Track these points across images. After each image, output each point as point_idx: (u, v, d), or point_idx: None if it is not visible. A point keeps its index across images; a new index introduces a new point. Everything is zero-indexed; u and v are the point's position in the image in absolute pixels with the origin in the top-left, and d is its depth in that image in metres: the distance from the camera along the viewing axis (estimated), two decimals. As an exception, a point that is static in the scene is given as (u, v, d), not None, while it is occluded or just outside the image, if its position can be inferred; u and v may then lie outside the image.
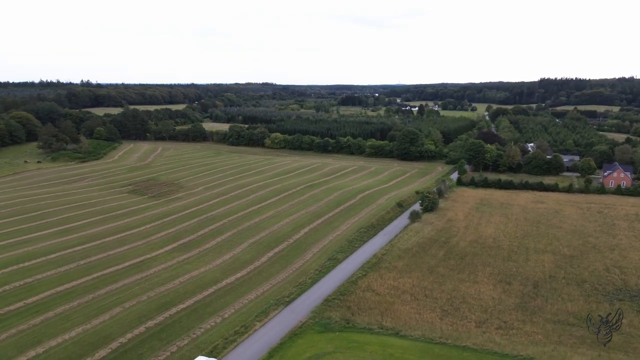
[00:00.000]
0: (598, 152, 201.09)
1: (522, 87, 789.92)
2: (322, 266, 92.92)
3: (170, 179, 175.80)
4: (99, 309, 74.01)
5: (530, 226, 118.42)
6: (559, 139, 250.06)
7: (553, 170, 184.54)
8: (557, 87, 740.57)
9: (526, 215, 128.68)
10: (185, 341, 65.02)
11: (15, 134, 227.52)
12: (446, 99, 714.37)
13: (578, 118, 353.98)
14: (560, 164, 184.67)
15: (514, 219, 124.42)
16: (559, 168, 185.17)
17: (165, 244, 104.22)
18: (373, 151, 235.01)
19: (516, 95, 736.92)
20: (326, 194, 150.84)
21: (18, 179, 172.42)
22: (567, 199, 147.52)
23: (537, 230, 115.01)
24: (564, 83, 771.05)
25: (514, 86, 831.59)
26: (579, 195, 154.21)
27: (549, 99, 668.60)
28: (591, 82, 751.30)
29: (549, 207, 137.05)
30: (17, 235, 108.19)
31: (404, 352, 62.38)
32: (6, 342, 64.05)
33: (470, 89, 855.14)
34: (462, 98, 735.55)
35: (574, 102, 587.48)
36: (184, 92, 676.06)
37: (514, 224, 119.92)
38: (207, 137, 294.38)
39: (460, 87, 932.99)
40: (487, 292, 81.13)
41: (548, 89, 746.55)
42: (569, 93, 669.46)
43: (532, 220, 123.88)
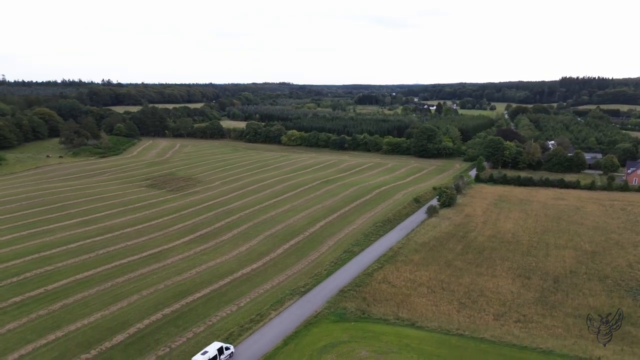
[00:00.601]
0: (621, 149, 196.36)
1: (543, 87, 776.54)
2: (338, 258, 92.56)
3: (188, 174, 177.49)
4: (117, 296, 74.95)
5: (551, 222, 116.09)
6: (581, 137, 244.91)
7: (574, 167, 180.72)
8: (579, 86, 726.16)
9: (546, 211, 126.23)
10: (201, 328, 65.41)
11: (37, 129, 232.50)
12: (464, 98, 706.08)
13: (600, 117, 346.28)
14: (582, 161, 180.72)
15: (533, 215, 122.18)
16: (581, 165, 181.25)
17: (182, 236, 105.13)
18: (390, 148, 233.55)
19: (536, 94, 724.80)
20: (342, 189, 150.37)
21: (40, 173, 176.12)
22: (589, 196, 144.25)
23: (557, 227, 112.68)
24: (586, 82, 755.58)
25: (534, 85, 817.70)
26: (601, 192, 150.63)
27: (571, 98, 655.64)
28: (614, 81, 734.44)
29: (570, 204, 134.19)
30: (38, 225, 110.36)
31: (420, 342, 61.64)
32: (26, 327, 65.23)
33: (489, 88, 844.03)
34: (480, 97, 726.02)
35: (597, 102, 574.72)
36: (202, 91, 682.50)
37: (534, 220, 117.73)
38: (224, 135, 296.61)
39: (479, 86, 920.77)
40: (506, 286, 79.71)
41: (569, 88, 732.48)
42: (591, 92, 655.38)
43: (552, 216, 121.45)
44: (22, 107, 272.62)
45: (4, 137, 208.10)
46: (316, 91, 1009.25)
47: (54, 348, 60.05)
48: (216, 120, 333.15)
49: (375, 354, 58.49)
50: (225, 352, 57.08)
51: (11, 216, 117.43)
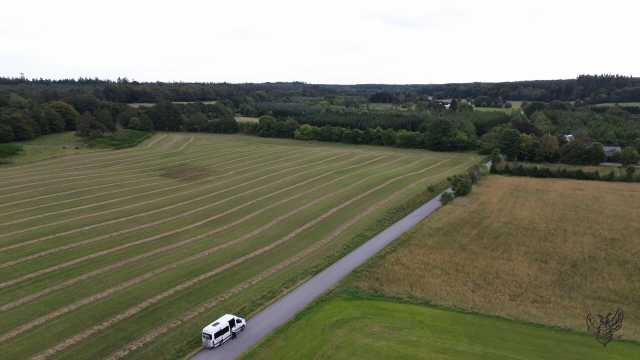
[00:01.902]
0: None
1: (560, 85, 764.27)
2: (351, 242, 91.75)
3: (202, 164, 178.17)
4: (130, 273, 75.22)
5: (568, 210, 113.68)
6: (599, 131, 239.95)
7: (593, 160, 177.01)
8: (597, 84, 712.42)
9: (564, 200, 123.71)
10: (213, 303, 65.21)
11: (54, 122, 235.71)
12: (479, 96, 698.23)
13: (619, 112, 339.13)
14: (600, 153, 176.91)
15: (550, 204, 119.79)
16: (599, 158, 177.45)
17: (195, 220, 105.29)
18: (403, 142, 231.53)
19: (553, 92, 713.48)
20: (355, 179, 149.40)
21: (57, 162, 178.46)
22: (608, 187, 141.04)
23: (575, 215, 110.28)
24: (604, 80, 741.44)
25: (551, 84, 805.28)
26: (620, 183, 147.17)
27: (588, 96, 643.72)
28: (633, 80, 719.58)
29: (589, 194, 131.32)
30: (54, 210, 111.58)
31: (434, 319, 60.59)
32: (40, 300, 65.76)
33: (504, 86, 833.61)
34: (496, 95, 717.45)
35: (615, 99, 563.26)
36: (216, 90, 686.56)
37: (551, 208, 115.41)
38: (238, 129, 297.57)
39: (494, 85, 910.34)
40: (522, 269, 78.09)
41: (587, 86, 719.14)
42: (609, 90, 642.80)
43: (570, 205, 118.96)
44: (39, 101, 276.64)
45: (22, 129, 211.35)
46: (329, 90, 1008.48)
47: (66, 320, 60.37)
48: (230, 115, 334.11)
49: (388, 330, 57.63)
50: (236, 325, 56.72)
51: (28, 201, 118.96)
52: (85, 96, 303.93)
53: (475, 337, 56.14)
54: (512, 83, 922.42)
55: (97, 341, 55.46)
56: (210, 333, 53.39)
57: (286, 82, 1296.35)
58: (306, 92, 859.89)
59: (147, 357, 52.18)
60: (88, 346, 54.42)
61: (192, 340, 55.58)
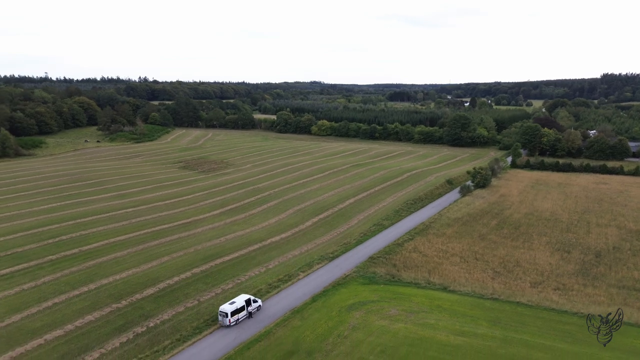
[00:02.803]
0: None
1: (583, 83, 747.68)
2: (367, 230, 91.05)
3: (220, 158, 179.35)
4: (148, 257, 75.93)
5: (592, 203, 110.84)
6: (624, 127, 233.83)
7: (617, 155, 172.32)
8: (622, 83, 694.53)
9: (587, 193, 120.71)
10: (229, 285, 65.34)
11: (77, 117, 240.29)
12: (499, 94, 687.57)
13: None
14: (625, 148, 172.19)
15: (573, 197, 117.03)
16: (624, 153, 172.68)
17: (213, 209, 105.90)
18: (422, 137, 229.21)
19: (576, 91, 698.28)
20: (372, 172, 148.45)
21: (78, 154, 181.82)
22: (633, 181, 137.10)
23: (599, 207, 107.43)
24: (629, 79, 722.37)
25: (574, 82, 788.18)
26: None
27: (612, 94, 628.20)
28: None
29: (613, 188, 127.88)
30: (75, 198, 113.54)
31: (453, 304, 59.56)
32: (60, 280, 66.78)
33: (525, 85, 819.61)
34: (516, 94, 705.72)
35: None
36: (235, 89, 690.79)
37: (574, 201, 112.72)
38: (255, 125, 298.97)
39: (515, 84, 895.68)
40: (544, 258, 76.30)
41: (612, 84, 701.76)
42: (634, 88, 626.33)
43: (593, 198, 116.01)
44: (62, 96, 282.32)
45: (45, 123, 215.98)
46: (347, 89, 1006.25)
47: (86, 298, 61.17)
48: (248, 112, 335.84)
49: (405, 313, 56.85)
50: (252, 304, 56.65)
51: (50, 189, 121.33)
52: (107, 92, 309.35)
53: (495, 321, 54.96)
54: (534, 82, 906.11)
55: (116, 318, 56.04)
56: (226, 311, 53.43)
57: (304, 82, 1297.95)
58: (323, 91, 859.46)
59: (164, 334, 52.48)
60: (107, 322, 55.02)
61: (209, 319, 55.73)
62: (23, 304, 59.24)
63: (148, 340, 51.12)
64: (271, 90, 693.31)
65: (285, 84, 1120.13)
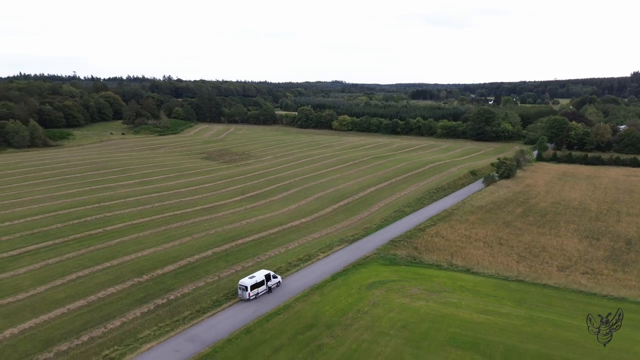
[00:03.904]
0: None
1: (612, 82, 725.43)
2: (389, 216, 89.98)
3: (241, 150, 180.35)
4: (169, 237, 76.58)
5: (622, 194, 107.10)
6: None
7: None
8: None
9: (617, 185, 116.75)
10: (250, 263, 65.30)
11: (103, 111, 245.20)
12: (524, 93, 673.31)
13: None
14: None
15: (602, 188, 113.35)
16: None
17: (233, 196, 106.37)
18: (444, 132, 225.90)
19: (604, 89, 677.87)
20: (394, 164, 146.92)
21: (104, 145, 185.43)
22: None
23: (630, 198, 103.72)
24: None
25: (602, 81, 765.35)
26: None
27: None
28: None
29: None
30: (100, 184, 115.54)
31: (476, 285, 58.15)
32: (84, 256, 67.80)
33: (552, 84, 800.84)
34: (542, 93, 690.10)
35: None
36: (257, 87, 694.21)
37: (603, 192, 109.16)
38: (277, 121, 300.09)
39: (541, 83, 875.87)
40: (572, 244, 73.93)
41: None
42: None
43: (624, 189, 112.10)
44: (89, 91, 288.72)
45: (73, 116, 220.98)
46: (368, 88, 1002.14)
47: (108, 273, 61.92)
48: (269, 108, 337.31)
49: (427, 292, 55.71)
50: (272, 280, 56.39)
51: (77, 176, 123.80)
52: (132, 88, 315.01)
53: (520, 301, 53.35)
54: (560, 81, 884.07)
55: (137, 291, 56.53)
56: (246, 285, 53.30)
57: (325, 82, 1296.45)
58: (345, 89, 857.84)
59: (184, 306, 52.66)
60: (128, 294, 55.54)
61: (229, 293, 55.73)
62: (47, 277, 60.32)
63: (168, 311, 51.39)
64: (293, 89, 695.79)
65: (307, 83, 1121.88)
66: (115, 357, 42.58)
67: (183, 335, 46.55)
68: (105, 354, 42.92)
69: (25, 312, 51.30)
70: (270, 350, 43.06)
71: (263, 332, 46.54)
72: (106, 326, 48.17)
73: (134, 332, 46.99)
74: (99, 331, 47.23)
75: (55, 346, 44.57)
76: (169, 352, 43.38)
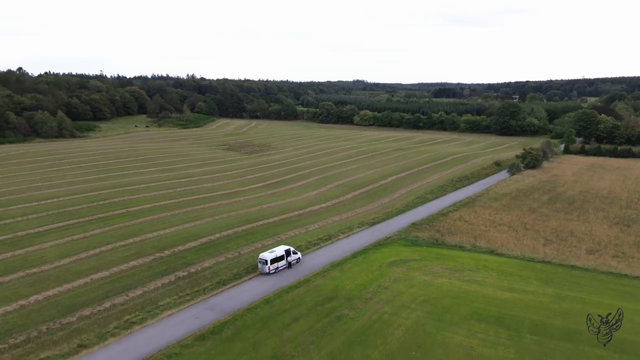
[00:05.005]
0: None
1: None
2: (410, 202, 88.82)
3: (262, 142, 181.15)
4: (191, 217, 77.16)
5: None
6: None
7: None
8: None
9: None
10: (270, 241, 65.16)
11: (128, 105, 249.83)
12: (551, 91, 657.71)
13: None
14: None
15: (633, 178, 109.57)
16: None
17: (254, 183, 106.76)
18: (468, 126, 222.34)
19: (635, 87, 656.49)
20: (415, 155, 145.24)
21: (128, 137, 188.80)
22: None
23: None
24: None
25: (632, 79, 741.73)
26: None
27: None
28: None
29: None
30: (124, 170, 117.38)
31: (500, 265, 56.66)
32: (108, 233, 68.75)
33: (579, 82, 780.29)
34: (570, 91, 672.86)
35: None
36: (279, 86, 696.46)
37: (634, 182, 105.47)
38: (298, 116, 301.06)
39: (568, 81, 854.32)
40: (601, 230, 71.50)
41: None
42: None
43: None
44: (115, 86, 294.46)
45: (99, 110, 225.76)
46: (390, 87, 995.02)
47: (131, 248, 62.61)
48: (291, 104, 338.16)
49: (449, 270, 54.53)
50: (292, 256, 56.11)
51: (102, 163, 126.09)
52: (157, 84, 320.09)
53: (547, 281, 51.70)
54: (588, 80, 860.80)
55: (158, 264, 56.98)
56: (266, 258, 53.15)
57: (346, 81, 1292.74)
58: (366, 88, 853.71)
59: (205, 278, 52.82)
60: (150, 267, 56.02)
61: (249, 267, 55.69)
62: (72, 251, 61.33)
63: (189, 283, 51.61)
64: (314, 87, 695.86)
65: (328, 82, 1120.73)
66: (136, 321, 42.89)
67: (203, 304, 46.64)
68: (126, 319, 43.28)
69: (49, 281, 52.22)
70: (289, 319, 42.72)
71: (282, 302, 46.26)
72: (128, 294, 48.63)
73: (154, 300, 47.31)
74: (120, 299, 47.71)
75: (78, 311, 45.17)
76: (189, 318, 43.49)
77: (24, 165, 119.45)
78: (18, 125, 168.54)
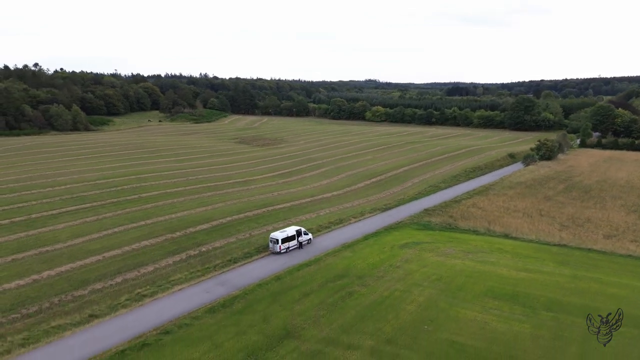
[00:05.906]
0: None
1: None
2: (423, 191, 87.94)
3: (274, 136, 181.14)
4: (202, 203, 77.23)
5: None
6: None
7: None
8: None
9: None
10: (281, 224, 64.86)
11: (141, 101, 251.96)
12: (566, 89, 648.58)
13: None
14: None
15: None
16: None
17: (266, 172, 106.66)
18: (481, 122, 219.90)
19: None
20: (428, 148, 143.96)
21: (141, 130, 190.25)
22: None
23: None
24: None
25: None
26: None
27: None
28: None
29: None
30: (137, 160, 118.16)
31: (515, 247, 55.66)
32: (120, 217, 69.04)
33: (595, 81, 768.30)
34: (585, 89, 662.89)
35: None
36: (291, 85, 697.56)
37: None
38: (309, 112, 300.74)
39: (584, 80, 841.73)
40: (619, 217, 70.00)
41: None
42: None
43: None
44: (129, 82, 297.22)
45: (113, 105, 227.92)
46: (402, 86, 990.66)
47: (143, 229, 62.79)
48: (302, 101, 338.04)
49: (462, 252, 53.70)
50: (303, 236, 55.77)
51: (115, 153, 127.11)
52: (170, 81, 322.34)
53: (564, 262, 50.63)
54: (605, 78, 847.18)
55: (170, 244, 57.03)
56: (277, 238, 52.88)
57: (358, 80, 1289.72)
58: (378, 86, 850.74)
59: (216, 256, 52.71)
60: (161, 247, 56.09)
61: (260, 247, 55.49)
62: (85, 231, 61.69)
63: (200, 261, 51.55)
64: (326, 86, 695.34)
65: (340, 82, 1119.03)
66: (148, 294, 42.88)
67: (214, 280, 46.50)
68: (137, 292, 43.29)
69: (62, 258, 52.54)
70: (299, 295, 42.34)
71: (293, 279, 45.91)
72: (139, 270, 48.72)
73: (166, 276, 47.31)
74: (132, 274, 47.79)
75: (90, 285, 45.33)
76: (199, 292, 43.36)
77: (38, 156, 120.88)
78: (34, 118, 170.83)
